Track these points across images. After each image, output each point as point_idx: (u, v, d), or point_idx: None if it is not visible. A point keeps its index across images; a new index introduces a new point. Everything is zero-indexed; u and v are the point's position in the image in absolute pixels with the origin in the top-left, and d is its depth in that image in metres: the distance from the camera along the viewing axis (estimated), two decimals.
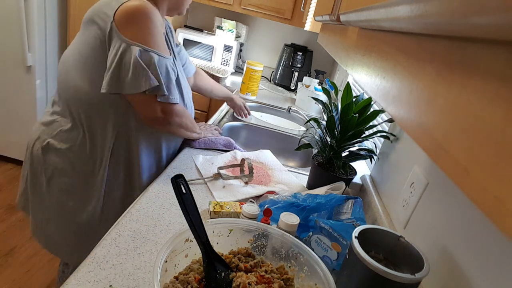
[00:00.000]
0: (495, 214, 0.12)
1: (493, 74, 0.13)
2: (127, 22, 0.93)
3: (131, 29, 0.93)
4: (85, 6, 2.25)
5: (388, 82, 0.28)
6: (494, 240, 0.50)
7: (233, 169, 1.16)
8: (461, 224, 0.59)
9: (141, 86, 0.93)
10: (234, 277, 0.60)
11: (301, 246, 0.64)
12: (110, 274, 0.65)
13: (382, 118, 1.25)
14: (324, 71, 2.42)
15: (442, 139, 0.17)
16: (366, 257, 0.57)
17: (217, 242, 0.66)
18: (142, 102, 0.99)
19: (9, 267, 1.71)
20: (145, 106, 1.00)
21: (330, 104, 1.03)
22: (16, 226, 1.98)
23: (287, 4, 2.26)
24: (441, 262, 0.62)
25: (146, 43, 0.94)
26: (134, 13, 0.93)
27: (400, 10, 0.21)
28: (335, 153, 1.03)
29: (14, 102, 2.28)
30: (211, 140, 1.26)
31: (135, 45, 0.92)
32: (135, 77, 0.92)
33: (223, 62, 2.48)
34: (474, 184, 0.14)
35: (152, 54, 0.94)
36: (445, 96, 0.17)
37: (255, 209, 0.81)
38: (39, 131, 1.08)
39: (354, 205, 0.87)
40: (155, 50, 0.95)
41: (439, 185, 0.70)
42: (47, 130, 1.06)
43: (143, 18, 0.93)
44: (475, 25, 0.13)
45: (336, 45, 0.67)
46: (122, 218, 0.82)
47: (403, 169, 0.91)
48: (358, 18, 0.38)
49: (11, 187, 2.28)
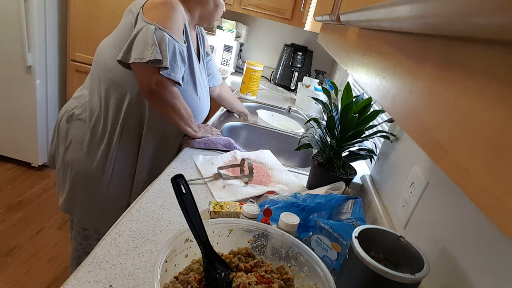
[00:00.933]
0: (495, 214, 0.12)
1: (493, 74, 0.13)
2: (152, 7, 1.07)
3: (153, 12, 1.06)
4: (85, 6, 2.25)
5: (388, 82, 0.28)
6: (494, 240, 0.50)
7: (233, 169, 1.16)
8: (461, 224, 0.59)
9: (145, 56, 1.02)
10: (234, 277, 0.60)
11: (301, 246, 0.64)
12: (110, 274, 0.65)
13: (382, 118, 1.25)
14: (324, 71, 2.42)
15: (442, 139, 0.17)
16: (366, 257, 0.57)
17: (217, 242, 0.66)
18: (142, 71, 1.07)
19: (9, 267, 1.71)
20: (144, 75, 1.07)
21: (330, 104, 1.03)
22: (16, 226, 1.98)
23: (287, 4, 2.26)
24: (441, 262, 0.62)
25: (163, 24, 1.05)
26: (161, 2, 1.07)
27: (400, 10, 0.21)
28: (335, 153, 1.03)
29: (14, 102, 2.28)
30: (211, 140, 1.26)
31: (152, 24, 1.04)
32: (143, 48, 1.02)
33: (223, 62, 2.48)
34: (474, 184, 0.14)
35: (164, 33, 1.04)
36: (445, 96, 0.17)
37: (255, 209, 0.81)
38: (69, 104, 1.24)
39: (354, 205, 0.87)
40: (168, 31, 1.05)
41: (439, 185, 0.70)
42: (75, 102, 1.22)
43: (166, 6, 1.06)
44: (475, 25, 0.13)
45: (336, 45, 0.67)
46: (122, 218, 0.82)
47: (403, 169, 0.91)
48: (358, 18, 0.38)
49: (11, 187, 2.28)
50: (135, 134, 1.21)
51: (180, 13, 1.09)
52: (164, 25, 1.05)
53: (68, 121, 1.21)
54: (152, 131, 1.21)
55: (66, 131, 1.21)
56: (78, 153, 1.19)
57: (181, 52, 1.09)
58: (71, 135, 1.20)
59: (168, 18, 1.06)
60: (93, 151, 1.19)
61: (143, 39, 1.02)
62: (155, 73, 1.05)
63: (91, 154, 1.19)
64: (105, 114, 1.18)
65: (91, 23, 2.29)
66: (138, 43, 1.03)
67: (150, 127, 1.20)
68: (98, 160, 1.19)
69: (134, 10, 1.10)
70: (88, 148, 1.19)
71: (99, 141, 1.19)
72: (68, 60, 2.42)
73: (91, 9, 2.26)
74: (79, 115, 1.19)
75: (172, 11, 1.06)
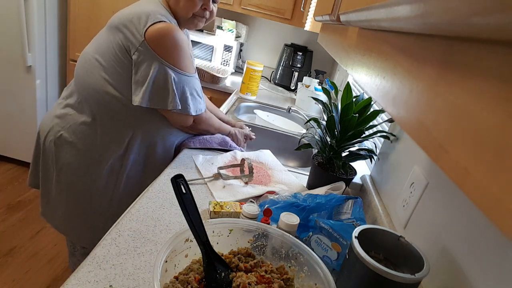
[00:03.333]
0: (495, 214, 0.12)
1: (493, 74, 0.13)
2: (160, 43, 1.01)
3: (166, 51, 1.01)
4: (85, 6, 2.25)
5: (388, 82, 0.28)
6: (494, 240, 0.50)
7: (233, 169, 1.16)
8: (461, 224, 0.59)
9: (169, 106, 1.05)
10: (234, 277, 0.60)
11: (301, 246, 0.64)
12: (110, 274, 0.65)
13: (382, 118, 1.25)
14: (324, 71, 2.42)
15: (442, 139, 0.17)
16: (366, 257, 0.57)
17: (217, 242, 0.66)
18: (172, 116, 1.12)
19: (9, 267, 1.71)
20: (177, 119, 1.14)
21: (330, 104, 1.03)
22: (16, 226, 1.98)
23: (287, 4, 2.26)
24: (441, 262, 0.62)
25: (179, 65, 1.05)
26: (166, 35, 1.01)
27: (400, 10, 0.21)
28: (335, 153, 1.03)
29: (14, 102, 2.28)
30: (205, 139, 1.26)
31: (170, 67, 1.03)
32: (165, 96, 1.04)
33: (223, 62, 2.48)
34: (474, 184, 0.14)
35: (182, 77, 1.06)
36: (445, 96, 0.17)
37: (255, 209, 0.81)
38: (52, 123, 1.13)
39: (354, 205, 0.87)
40: (186, 72, 1.07)
41: (439, 185, 0.70)
42: (60, 123, 1.11)
43: (175, 40, 1.02)
44: (475, 25, 0.13)
45: (336, 45, 0.67)
46: (122, 218, 0.82)
47: (403, 169, 0.91)
48: (358, 18, 0.38)
49: (11, 187, 2.28)
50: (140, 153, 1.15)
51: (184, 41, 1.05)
52: (180, 66, 1.05)
53: (57, 145, 1.11)
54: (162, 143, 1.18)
55: (55, 154, 1.12)
56: (75, 177, 1.12)
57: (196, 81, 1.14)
58: (62, 159, 1.11)
59: (181, 56, 1.04)
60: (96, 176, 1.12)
61: (163, 86, 1.03)
62: (187, 116, 1.13)
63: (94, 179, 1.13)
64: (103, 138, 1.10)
65: (91, 23, 2.29)
66: (158, 88, 1.03)
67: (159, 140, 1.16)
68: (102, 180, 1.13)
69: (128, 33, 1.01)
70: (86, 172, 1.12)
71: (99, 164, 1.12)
72: (68, 60, 2.42)
73: (91, 9, 2.26)
74: (68, 138, 1.10)
75: (180, 45, 1.03)
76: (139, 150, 1.14)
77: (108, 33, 1.07)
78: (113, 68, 1.04)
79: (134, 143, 1.12)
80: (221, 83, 2.23)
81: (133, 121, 1.10)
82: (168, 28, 1.01)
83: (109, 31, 1.07)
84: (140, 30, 1.00)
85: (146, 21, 1.00)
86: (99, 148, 1.10)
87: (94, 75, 1.06)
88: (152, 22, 1.00)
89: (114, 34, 1.04)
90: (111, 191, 1.15)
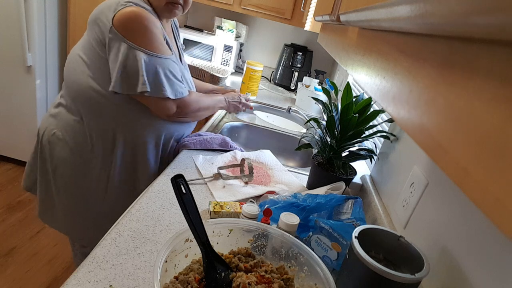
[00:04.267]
0: (495, 214, 0.12)
1: (493, 74, 0.13)
2: (127, 26, 0.99)
3: (133, 33, 0.99)
4: (85, 6, 2.25)
5: (388, 82, 0.28)
6: (494, 240, 0.50)
7: (233, 169, 1.16)
8: (461, 224, 0.59)
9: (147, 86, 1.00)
10: (234, 277, 0.60)
11: (301, 246, 0.64)
12: (110, 274, 0.65)
13: (382, 118, 1.25)
14: (324, 71, 2.42)
15: (442, 139, 0.17)
16: (366, 257, 0.57)
17: (217, 242, 0.66)
18: (151, 102, 1.07)
19: (9, 267, 1.71)
20: (158, 106, 1.08)
21: (330, 104, 1.03)
22: (16, 226, 1.98)
23: (287, 4, 2.26)
24: (441, 262, 0.62)
25: (149, 47, 1.00)
26: (134, 18, 0.98)
27: (400, 10, 0.21)
28: (335, 153, 1.03)
29: (14, 102, 2.28)
30: (206, 140, 1.26)
31: (139, 49, 0.99)
32: (137, 79, 1.00)
33: (223, 62, 2.48)
34: (474, 184, 0.14)
35: (153, 58, 1.01)
36: (445, 96, 0.17)
37: (255, 209, 0.81)
38: (47, 122, 1.16)
39: (354, 205, 0.87)
40: (157, 53, 1.02)
41: (439, 185, 0.70)
42: (54, 122, 1.14)
43: (143, 23, 0.99)
44: (475, 25, 0.13)
45: (336, 45, 0.67)
46: (122, 218, 0.82)
47: (403, 169, 0.91)
48: (358, 18, 0.38)
49: (11, 187, 2.28)
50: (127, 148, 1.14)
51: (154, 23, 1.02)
52: (151, 48, 1.00)
53: (51, 143, 1.13)
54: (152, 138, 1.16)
55: (50, 153, 1.14)
56: (69, 175, 1.13)
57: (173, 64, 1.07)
58: (56, 157, 1.13)
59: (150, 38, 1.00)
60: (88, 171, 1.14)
61: (134, 69, 0.99)
62: (166, 101, 1.06)
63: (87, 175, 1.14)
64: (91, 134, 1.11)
65: None
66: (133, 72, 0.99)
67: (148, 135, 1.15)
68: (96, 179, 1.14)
69: (101, 24, 1.01)
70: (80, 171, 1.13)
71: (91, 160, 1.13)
72: None
73: (91, 9, 2.23)
74: (60, 135, 1.12)
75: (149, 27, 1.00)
76: (125, 146, 1.13)
77: (87, 29, 1.08)
78: (94, 63, 1.05)
79: (120, 138, 1.11)
80: (221, 83, 2.23)
81: (117, 115, 1.09)
82: (135, 11, 0.99)
83: (88, 27, 1.08)
84: (109, 18, 1.00)
85: (116, 8, 1.00)
86: (88, 144, 1.11)
87: (79, 72, 1.07)
88: (120, 8, 0.99)
89: (91, 29, 1.05)
90: (104, 186, 1.16)
